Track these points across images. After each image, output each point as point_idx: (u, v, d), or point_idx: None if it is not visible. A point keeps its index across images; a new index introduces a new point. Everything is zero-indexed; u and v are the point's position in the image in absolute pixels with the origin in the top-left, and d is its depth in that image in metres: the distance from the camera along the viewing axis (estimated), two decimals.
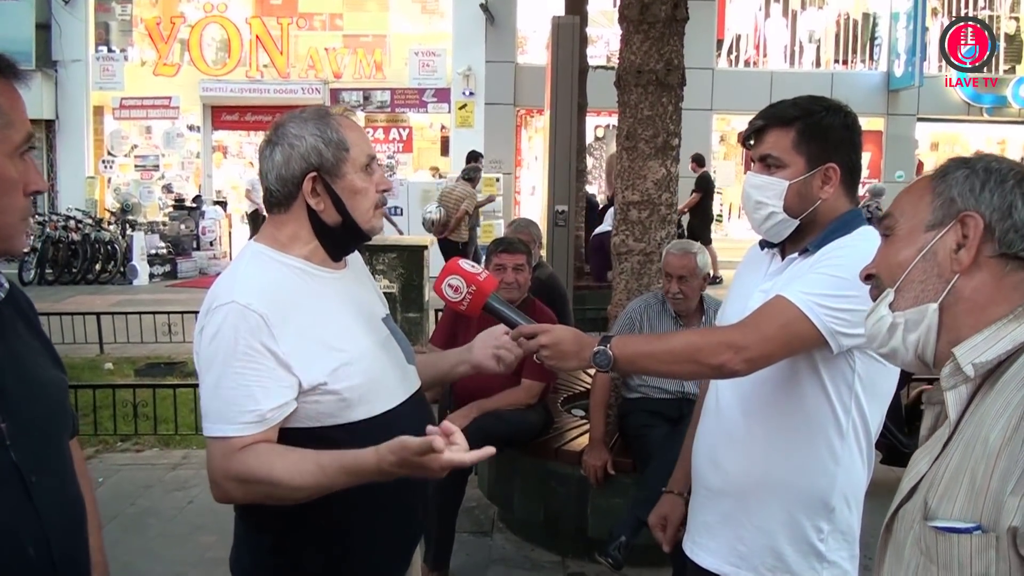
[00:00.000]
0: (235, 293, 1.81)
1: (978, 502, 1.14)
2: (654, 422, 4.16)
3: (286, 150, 1.91)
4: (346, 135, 1.92)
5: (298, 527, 1.89)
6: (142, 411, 6.37)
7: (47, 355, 1.73)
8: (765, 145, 2.10)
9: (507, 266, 4.43)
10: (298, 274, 1.91)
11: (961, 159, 1.36)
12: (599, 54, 16.88)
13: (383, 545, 1.98)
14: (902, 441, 5.08)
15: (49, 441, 1.64)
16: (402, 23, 20.13)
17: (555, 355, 1.99)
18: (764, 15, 19.83)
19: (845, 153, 2.09)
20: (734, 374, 1.97)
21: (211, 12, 19.07)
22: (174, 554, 4.52)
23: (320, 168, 1.89)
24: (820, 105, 2.10)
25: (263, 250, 1.94)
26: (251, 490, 1.79)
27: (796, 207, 2.06)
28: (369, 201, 1.95)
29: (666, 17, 4.47)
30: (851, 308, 1.88)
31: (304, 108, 2.01)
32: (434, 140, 20.47)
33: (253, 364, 1.78)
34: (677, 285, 4.16)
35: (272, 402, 1.78)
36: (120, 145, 19.31)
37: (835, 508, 2.06)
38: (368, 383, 1.89)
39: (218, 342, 1.79)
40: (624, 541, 3.85)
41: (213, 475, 1.81)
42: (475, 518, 5.04)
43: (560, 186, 7.98)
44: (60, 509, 1.61)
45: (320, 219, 1.92)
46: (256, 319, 1.78)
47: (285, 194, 1.92)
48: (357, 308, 2.00)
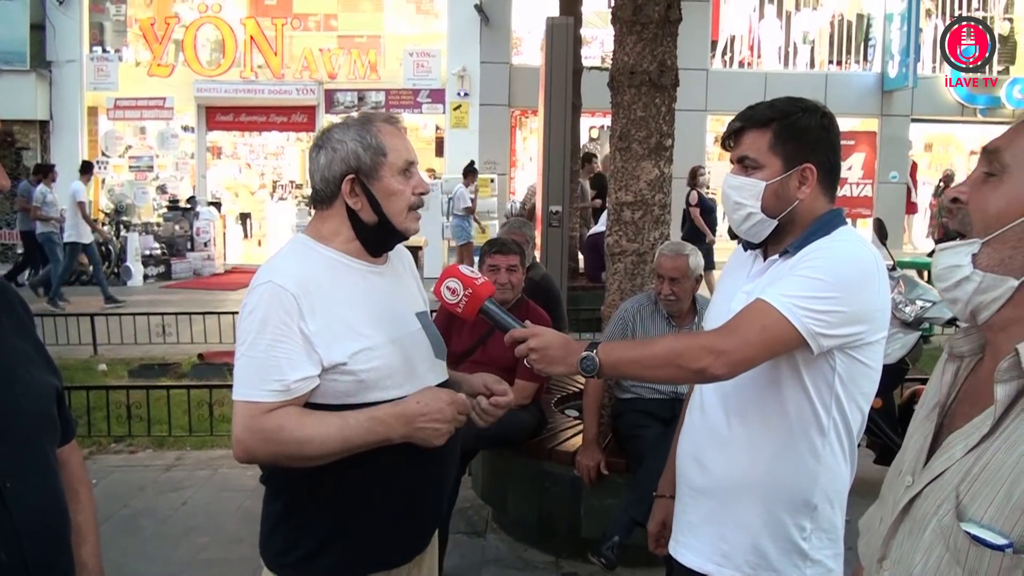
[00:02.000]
0: (273, 274, 1.99)
1: (1013, 515, 1.08)
2: (647, 422, 4.17)
3: (329, 153, 2.08)
4: (385, 141, 2.07)
5: (308, 494, 2.04)
6: (136, 412, 6.37)
7: (38, 358, 1.73)
8: (742, 146, 2.13)
9: (500, 267, 4.44)
10: (334, 264, 2.08)
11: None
12: (593, 55, 16.87)
13: (391, 523, 2.08)
14: (896, 441, 5.09)
15: (28, 446, 1.63)
16: (397, 24, 20.12)
17: (543, 359, 2.02)
18: (758, 16, 19.85)
19: (822, 153, 2.10)
20: (716, 378, 1.98)
21: (206, 13, 19.03)
22: (168, 555, 4.52)
23: (358, 171, 2.06)
24: (797, 106, 2.12)
25: (305, 240, 2.12)
26: (274, 448, 1.94)
27: (774, 207, 2.09)
28: (404, 202, 2.09)
29: (659, 18, 4.48)
30: (831, 309, 1.91)
31: (350, 115, 2.18)
32: (429, 141, 20.46)
33: (282, 339, 1.93)
34: (670, 287, 4.16)
35: (297, 374, 1.93)
36: (114, 146, 19.29)
37: (817, 507, 2.07)
38: (387, 368, 2.02)
39: (254, 316, 1.95)
40: (618, 541, 3.87)
41: (239, 435, 1.94)
42: (469, 519, 5.04)
43: (555, 187, 7.99)
44: (37, 514, 1.61)
45: (358, 217, 2.09)
46: (289, 299, 1.94)
47: (328, 193, 2.09)
48: (390, 300, 2.14)
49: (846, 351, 1.99)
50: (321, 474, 1.97)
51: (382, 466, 2.00)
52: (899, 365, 5.22)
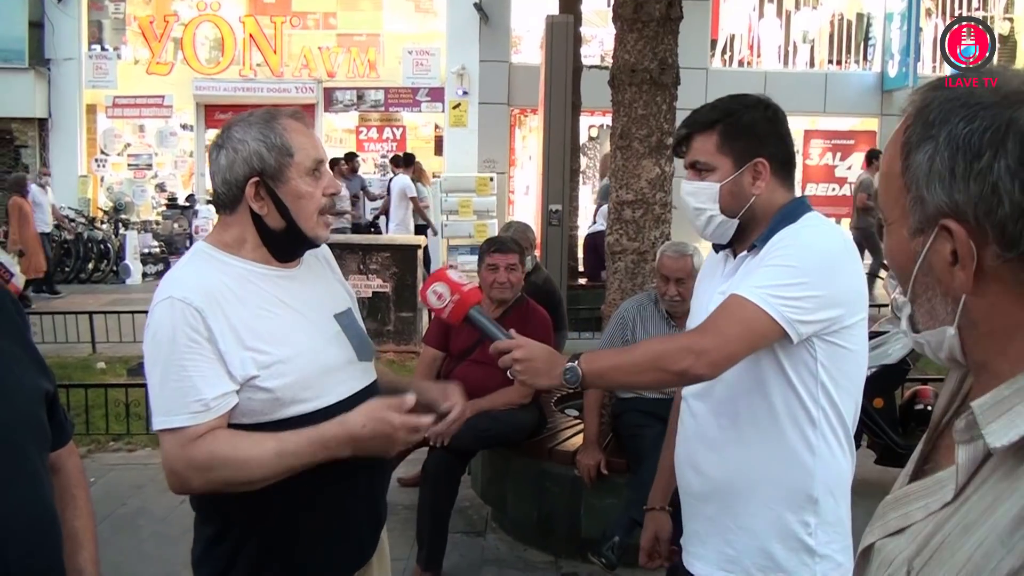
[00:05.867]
0: (172, 289, 1.86)
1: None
2: (648, 422, 4.15)
3: (230, 154, 1.93)
4: (291, 139, 1.93)
5: (236, 518, 1.95)
6: (134, 411, 6.36)
7: (28, 361, 1.69)
8: (692, 152, 2.15)
9: (500, 265, 4.42)
10: (240, 273, 1.94)
11: (920, 112, 0.98)
12: (593, 53, 16.84)
13: (325, 541, 1.99)
14: (897, 442, 5.09)
15: (10, 450, 1.59)
16: (396, 22, 20.08)
17: (527, 371, 2.00)
18: (758, 15, 19.82)
19: (772, 146, 2.11)
20: (699, 378, 1.98)
21: (204, 11, 18.99)
22: (166, 554, 4.50)
23: (263, 173, 1.91)
24: (739, 103, 2.12)
25: (206, 249, 1.98)
26: (211, 476, 1.83)
27: (732, 207, 2.10)
28: (314, 205, 1.96)
29: (660, 16, 4.46)
30: (806, 295, 1.92)
31: (254, 111, 2.01)
32: (428, 140, 20.43)
33: (191, 356, 1.82)
34: (675, 288, 4.10)
35: (213, 391, 1.82)
36: (113, 144, 19.25)
37: (819, 500, 2.05)
38: (303, 381, 1.91)
39: (159, 338, 1.84)
40: (618, 541, 3.85)
41: (172, 465, 1.84)
42: (468, 518, 5.03)
43: (554, 186, 7.98)
44: (21, 519, 1.56)
45: (264, 223, 1.95)
46: (192, 312, 1.82)
47: (230, 197, 1.95)
48: (304, 306, 2.01)
49: (825, 338, 1.98)
50: (248, 498, 1.87)
51: (307, 486, 1.90)
52: (900, 365, 5.21)
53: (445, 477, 4.26)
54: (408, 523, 4.54)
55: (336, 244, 9.14)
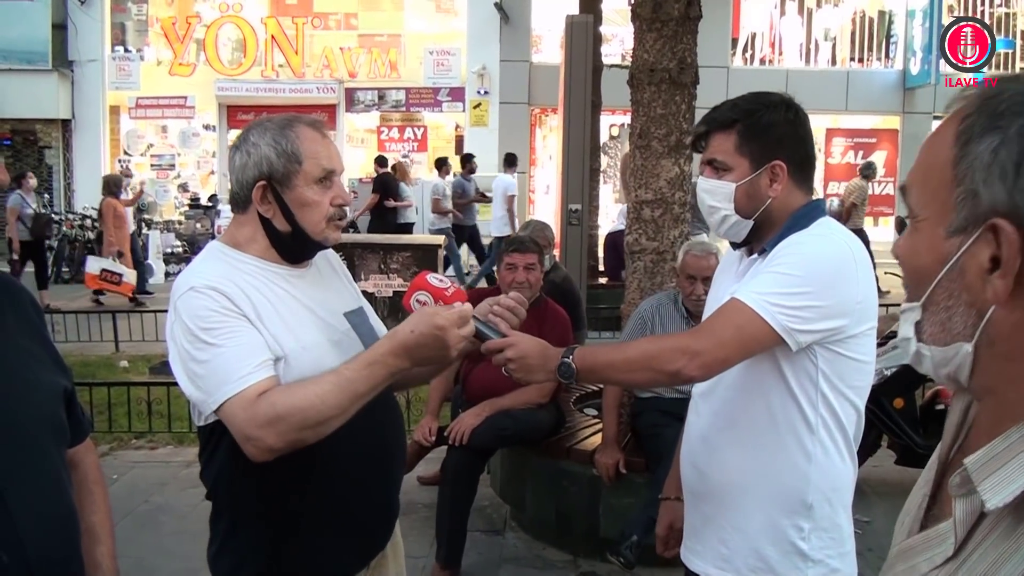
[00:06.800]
0: (192, 280, 1.87)
1: None
2: (667, 421, 4.13)
3: (244, 156, 1.96)
4: (303, 147, 1.94)
5: (251, 510, 1.96)
6: (156, 408, 6.40)
7: (46, 358, 1.72)
8: (710, 150, 2.12)
9: (518, 265, 4.43)
10: (251, 270, 1.95)
11: (989, 97, 0.89)
12: (613, 52, 16.82)
13: (339, 531, 2.00)
14: (917, 442, 5.05)
15: (30, 446, 1.61)
16: (417, 22, 20.14)
17: (521, 368, 1.99)
18: (779, 13, 19.73)
19: (791, 148, 2.08)
20: (691, 380, 1.98)
21: (227, 12, 19.15)
22: (187, 551, 4.53)
23: (270, 177, 1.93)
24: (760, 103, 2.09)
25: (219, 247, 2.01)
26: (282, 427, 1.76)
27: (747, 207, 2.08)
28: (320, 214, 1.96)
29: (679, 15, 4.45)
30: (806, 304, 1.89)
31: (274, 115, 2.03)
32: (449, 139, 20.47)
33: (226, 330, 1.82)
34: (702, 287, 3.99)
35: (256, 356, 1.82)
36: (136, 144, 19.44)
37: (813, 506, 2.04)
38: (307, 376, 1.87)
39: (191, 327, 1.82)
40: (636, 540, 3.85)
41: (243, 431, 1.78)
42: (487, 517, 5.03)
43: (574, 185, 7.99)
44: (40, 515, 1.59)
45: (272, 225, 1.97)
46: (217, 295, 1.84)
47: (243, 197, 1.97)
48: (312, 305, 2.01)
49: (828, 346, 1.96)
50: (261, 488, 1.89)
51: (319, 476, 1.92)
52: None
53: (464, 476, 4.27)
54: (427, 521, 4.55)
55: (357, 244, 9.20)
